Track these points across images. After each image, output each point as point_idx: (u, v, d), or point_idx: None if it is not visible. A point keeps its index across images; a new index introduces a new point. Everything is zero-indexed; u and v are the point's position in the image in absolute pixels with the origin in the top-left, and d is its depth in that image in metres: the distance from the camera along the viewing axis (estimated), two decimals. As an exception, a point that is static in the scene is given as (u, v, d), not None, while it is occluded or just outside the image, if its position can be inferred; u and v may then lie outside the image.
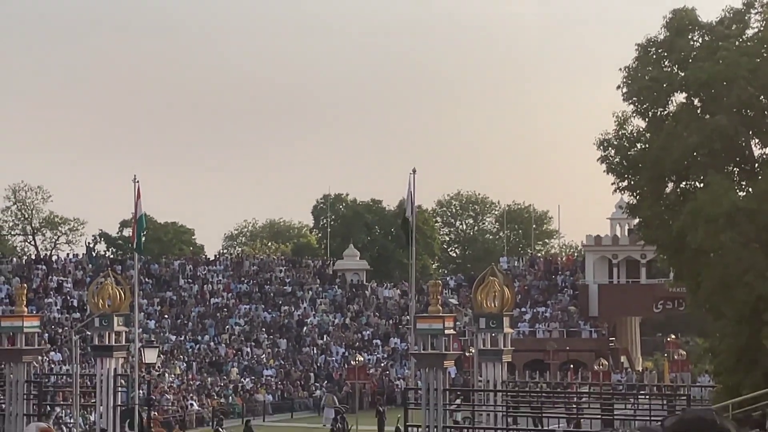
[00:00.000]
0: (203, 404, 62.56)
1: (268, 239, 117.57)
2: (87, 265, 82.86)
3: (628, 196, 37.46)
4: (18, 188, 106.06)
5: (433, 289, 40.14)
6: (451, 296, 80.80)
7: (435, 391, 36.57)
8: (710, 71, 33.47)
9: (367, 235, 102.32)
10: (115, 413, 42.86)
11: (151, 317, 76.18)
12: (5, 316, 47.52)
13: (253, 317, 79.63)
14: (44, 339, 62.20)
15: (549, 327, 76.53)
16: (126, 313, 44.59)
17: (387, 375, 71.49)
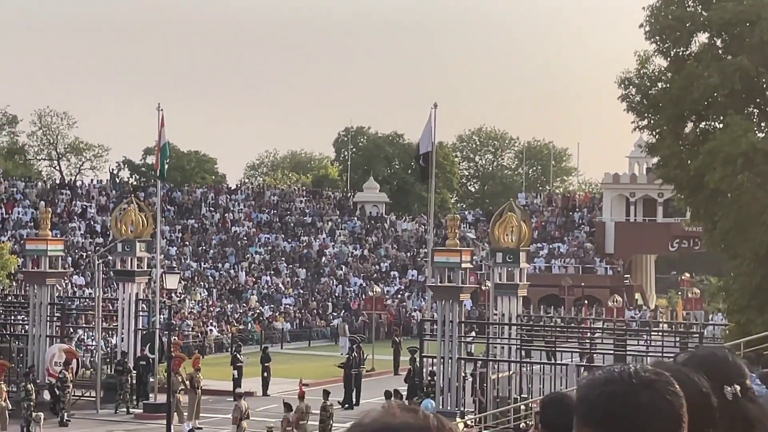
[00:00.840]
0: (222, 330, 63.46)
1: (290, 170, 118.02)
2: (111, 191, 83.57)
3: (648, 135, 37.75)
4: (44, 113, 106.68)
5: (451, 223, 40.62)
6: (468, 230, 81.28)
7: (450, 323, 37.20)
8: (733, 12, 33.56)
9: (387, 168, 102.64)
10: (136, 337, 43.71)
11: (172, 244, 76.96)
12: (30, 240, 48.29)
13: (273, 247, 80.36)
14: (68, 263, 62.99)
15: (565, 263, 77.04)
16: (148, 239, 45.29)
17: (404, 306, 72.24)
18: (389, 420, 2.34)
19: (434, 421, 2.34)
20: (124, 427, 38.08)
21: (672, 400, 2.58)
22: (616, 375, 2.61)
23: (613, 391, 2.57)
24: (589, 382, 2.64)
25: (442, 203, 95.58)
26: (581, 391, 2.65)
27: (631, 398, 2.55)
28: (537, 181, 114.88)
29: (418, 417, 2.34)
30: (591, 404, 2.58)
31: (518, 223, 39.13)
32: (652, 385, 2.58)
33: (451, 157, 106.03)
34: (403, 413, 2.35)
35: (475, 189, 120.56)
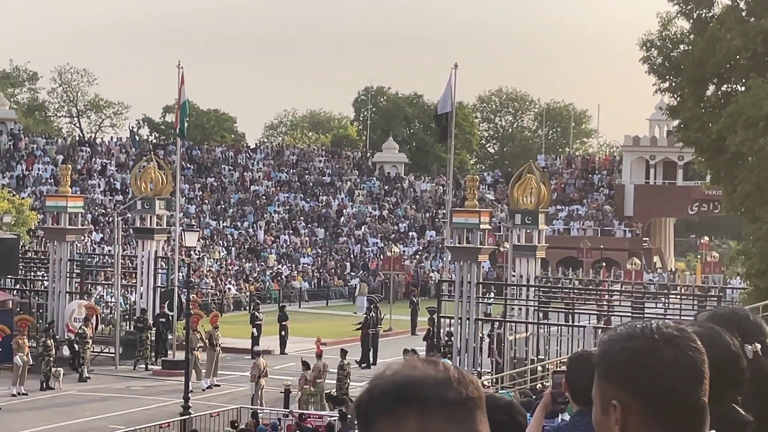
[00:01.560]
0: (241, 289, 63.71)
1: (309, 129, 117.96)
2: (130, 148, 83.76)
3: (669, 98, 37.53)
4: (64, 70, 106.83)
5: (470, 183, 40.57)
6: (487, 192, 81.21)
7: (468, 283, 37.25)
8: (757, -27, 33.28)
9: (406, 128, 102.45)
10: (155, 294, 43.94)
11: (191, 202, 77.18)
12: (50, 196, 48.48)
13: (291, 206, 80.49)
14: (87, 220, 63.27)
15: (584, 225, 76.94)
16: (167, 197, 45.43)
17: (422, 267, 72.34)
18: (410, 372, 2.33)
19: (455, 374, 2.34)
20: (143, 383, 38.36)
21: (694, 356, 2.57)
22: (638, 331, 2.59)
23: (635, 347, 2.56)
24: (611, 337, 2.63)
25: (461, 164, 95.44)
26: (602, 347, 2.63)
27: (653, 354, 2.54)
28: (557, 143, 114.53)
29: (438, 369, 2.34)
30: (612, 360, 2.57)
31: (537, 184, 39.07)
32: (675, 341, 2.57)
33: (470, 118, 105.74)
34: (424, 366, 2.35)
35: (494, 150, 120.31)
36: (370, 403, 2.36)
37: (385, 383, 2.35)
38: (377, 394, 2.36)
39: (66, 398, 35.33)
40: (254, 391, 33.13)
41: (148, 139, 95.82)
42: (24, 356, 35.28)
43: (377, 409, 2.34)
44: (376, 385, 2.37)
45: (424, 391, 2.31)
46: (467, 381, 2.36)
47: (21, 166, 77.22)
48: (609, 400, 2.56)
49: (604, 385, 2.59)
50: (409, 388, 2.32)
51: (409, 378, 2.33)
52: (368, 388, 2.39)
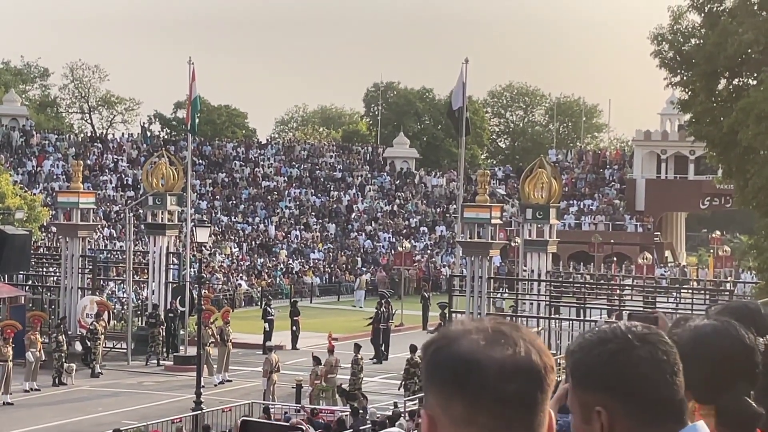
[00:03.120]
0: (252, 284, 63.77)
1: (320, 125, 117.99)
2: (142, 144, 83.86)
3: (680, 92, 37.48)
4: (75, 66, 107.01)
5: (481, 178, 40.56)
6: (498, 186, 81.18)
7: (479, 278, 37.25)
8: (769, -33, 33.19)
9: (417, 123, 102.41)
10: (167, 290, 44.00)
11: (203, 198, 77.25)
12: (62, 192, 48.59)
13: (302, 201, 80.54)
14: (99, 215, 63.39)
15: (595, 220, 76.83)
16: (179, 192, 45.48)
17: (433, 262, 72.33)
18: (476, 348, 2.19)
19: (526, 360, 2.21)
20: (155, 378, 38.43)
21: (667, 351, 2.57)
22: (609, 333, 2.57)
23: (611, 350, 2.53)
24: (581, 345, 2.58)
25: (472, 159, 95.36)
26: (575, 355, 2.58)
27: (631, 353, 2.52)
28: (567, 137, 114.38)
29: (511, 349, 2.20)
30: (590, 366, 2.53)
31: (548, 179, 39.05)
32: (647, 339, 2.56)
33: (481, 112, 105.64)
34: (497, 338, 2.22)
35: (505, 145, 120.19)
36: (428, 366, 2.24)
37: (445, 354, 2.21)
38: (435, 362, 2.22)
39: (78, 394, 35.42)
40: (266, 387, 33.17)
41: (159, 135, 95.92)
42: (36, 352, 35.37)
43: (430, 376, 2.22)
44: (440, 348, 2.23)
45: (480, 380, 2.17)
46: (537, 370, 2.20)
47: (33, 162, 77.36)
48: (591, 408, 2.52)
49: (583, 394, 2.55)
50: (464, 371, 2.17)
51: (471, 357, 2.18)
52: (434, 347, 2.23)
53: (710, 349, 3.11)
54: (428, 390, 2.22)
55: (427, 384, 2.23)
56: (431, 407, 2.20)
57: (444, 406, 2.18)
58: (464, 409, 2.16)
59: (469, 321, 2.26)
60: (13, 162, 76.11)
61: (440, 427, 2.19)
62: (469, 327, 2.23)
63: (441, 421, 2.19)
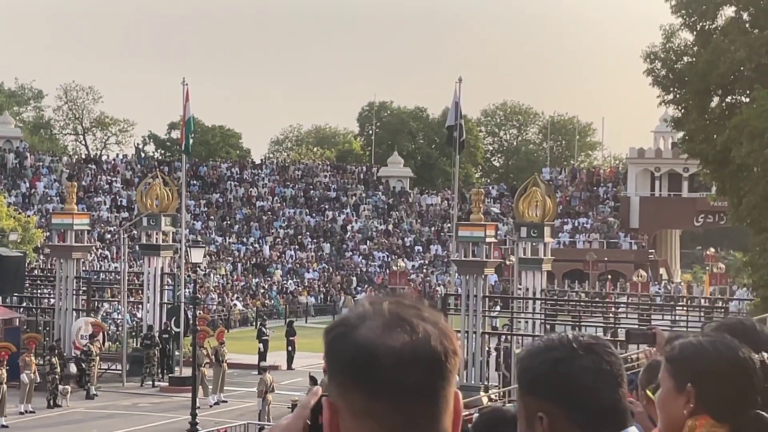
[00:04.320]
0: (247, 304, 63.69)
1: (314, 145, 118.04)
2: (136, 165, 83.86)
3: (673, 110, 37.60)
4: (69, 88, 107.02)
5: (475, 197, 40.58)
6: (493, 205, 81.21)
7: (474, 297, 37.23)
8: (760, -15, 33.34)
9: (411, 142, 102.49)
10: (162, 311, 43.93)
11: (197, 218, 77.23)
12: (56, 214, 48.50)
13: (297, 221, 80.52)
14: (93, 237, 63.33)
15: (589, 238, 76.86)
16: (173, 213, 45.45)
17: (428, 281, 72.31)
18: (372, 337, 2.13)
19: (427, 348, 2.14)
20: (150, 399, 38.34)
21: (611, 361, 2.61)
22: (556, 342, 2.63)
23: (556, 357, 2.59)
24: (530, 352, 2.65)
25: (467, 178, 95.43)
26: (523, 362, 2.65)
27: (574, 362, 2.58)
28: (561, 155, 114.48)
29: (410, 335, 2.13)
30: (535, 373, 2.60)
31: (543, 197, 39.08)
32: (592, 348, 2.61)
33: (475, 131, 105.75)
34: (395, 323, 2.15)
35: (499, 164, 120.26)
36: (327, 354, 2.17)
37: (343, 344, 2.14)
38: (334, 350, 2.16)
39: (73, 416, 35.31)
40: (261, 407, 33.09)
41: (153, 155, 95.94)
42: (31, 374, 35.26)
43: (330, 365, 2.17)
44: (338, 335, 2.16)
45: (377, 371, 2.10)
46: (437, 357, 2.14)
47: (27, 183, 77.33)
48: (534, 414, 2.58)
49: (528, 400, 2.60)
50: (361, 363, 2.11)
51: (368, 347, 2.11)
52: (333, 334, 2.17)
53: (723, 366, 3.13)
54: (329, 379, 2.18)
55: (329, 372, 2.18)
56: (333, 397, 2.16)
57: (344, 396, 2.14)
58: (363, 401, 2.12)
59: (369, 303, 2.19)
60: (7, 184, 76.06)
61: (341, 418, 2.14)
62: (368, 311, 2.16)
63: (342, 411, 2.14)
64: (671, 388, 3.26)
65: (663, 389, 3.30)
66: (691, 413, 3.19)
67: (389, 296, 2.21)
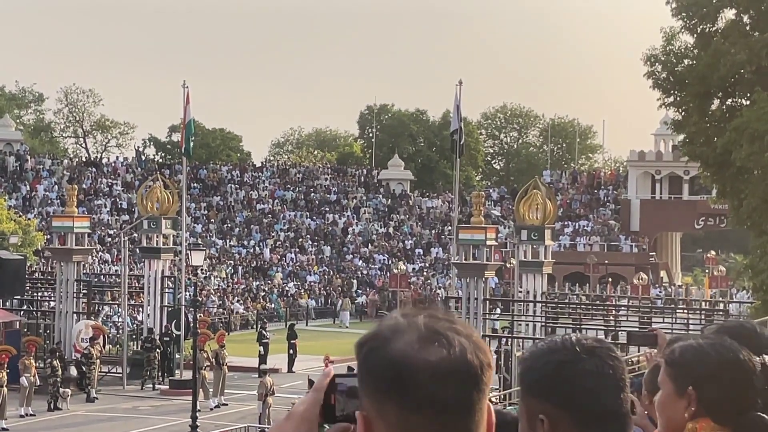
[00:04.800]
0: (248, 307, 63.68)
1: (314, 147, 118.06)
2: (136, 168, 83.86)
3: (674, 112, 37.54)
4: (70, 91, 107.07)
5: (475, 200, 40.59)
6: (493, 208, 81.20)
7: (475, 300, 37.23)
8: (760, -12, 33.31)
9: (411, 145, 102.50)
10: (162, 313, 43.94)
11: (198, 221, 77.22)
12: (56, 217, 48.53)
13: (298, 224, 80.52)
14: (94, 240, 63.32)
15: (590, 240, 76.86)
16: (174, 216, 45.47)
17: (428, 284, 72.28)
18: (408, 350, 2.12)
19: (461, 362, 2.14)
20: (151, 403, 38.33)
21: (614, 365, 2.61)
22: (559, 344, 2.63)
23: (558, 360, 2.59)
24: (533, 354, 2.66)
25: (467, 181, 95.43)
26: (525, 363, 2.67)
27: (576, 365, 2.58)
28: (562, 158, 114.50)
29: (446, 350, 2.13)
30: (537, 374, 2.60)
31: (543, 200, 39.08)
32: (595, 352, 2.61)
33: (475, 134, 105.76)
34: (431, 338, 2.14)
35: (500, 166, 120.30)
36: (361, 368, 2.18)
37: (378, 357, 2.14)
38: (368, 365, 2.15)
39: (74, 419, 35.30)
40: (262, 410, 33.09)
41: (154, 158, 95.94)
42: (31, 377, 35.25)
43: (364, 379, 2.17)
44: (372, 349, 2.15)
45: (414, 385, 2.10)
46: (474, 371, 2.14)
47: (27, 186, 77.33)
48: (536, 415, 2.58)
49: (530, 401, 2.61)
50: (397, 377, 2.10)
51: (405, 361, 2.11)
52: (367, 348, 2.16)
53: (724, 369, 3.13)
54: (363, 392, 2.17)
55: (362, 386, 2.17)
56: (367, 410, 2.15)
57: (379, 410, 2.13)
58: (399, 414, 2.11)
59: (403, 317, 2.19)
60: (8, 186, 76.06)
61: (376, 431, 2.14)
62: (401, 324, 2.16)
63: (377, 424, 2.14)
64: (671, 391, 3.26)
65: (663, 392, 3.30)
66: (692, 416, 3.19)
67: (420, 309, 2.21)
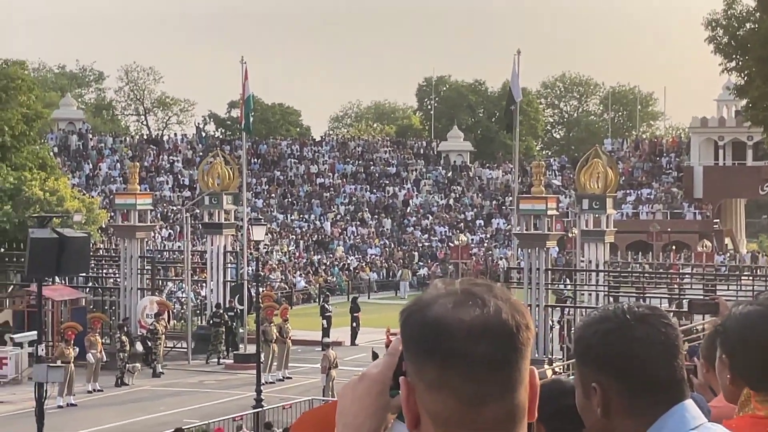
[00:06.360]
0: (310, 281, 63.96)
1: (373, 120, 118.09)
2: (197, 145, 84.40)
3: (736, 77, 37.11)
4: (130, 69, 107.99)
5: (536, 170, 40.38)
6: (554, 177, 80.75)
7: (537, 270, 37.10)
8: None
9: (470, 116, 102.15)
10: (225, 288, 44.25)
11: (259, 196, 77.61)
12: (119, 194, 48.97)
13: (358, 197, 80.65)
14: (156, 216, 63.87)
15: (653, 209, 76.20)
16: (235, 191, 45.72)
17: (490, 255, 72.12)
18: (443, 312, 2.18)
19: (497, 321, 2.17)
20: (215, 377, 38.67)
21: (667, 332, 2.61)
22: (610, 313, 2.64)
23: (608, 328, 2.60)
24: (585, 322, 2.68)
25: (527, 151, 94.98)
26: (577, 332, 2.69)
27: (626, 333, 2.58)
28: (623, 126, 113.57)
29: (481, 309, 2.17)
30: (588, 343, 2.62)
31: (604, 169, 38.79)
32: (646, 319, 2.61)
33: (535, 104, 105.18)
34: (467, 300, 2.19)
35: (560, 136, 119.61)
36: (402, 333, 2.24)
37: (416, 320, 2.21)
38: (408, 329, 2.22)
39: (140, 394, 35.73)
40: (325, 383, 33.25)
41: (214, 134, 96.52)
42: (97, 353, 35.70)
43: (405, 343, 2.23)
44: (411, 314, 2.22)
45: (448, 343, 2.14)
46: (508, 330, 2.16)
47: (90, 165, 78.15)
48: (589, 384, 2.60)
49: (583, 370, 2.63)
50: (433, 336, 2.16)
51: (440, 321, 2.17)
52: (407, 313, 2.23)
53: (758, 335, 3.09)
54: (405, 357, 2.23)
55: (404, 351, 2.23)
56: (409, 374, 2.21)
57: (418, 372, 2.18)
58: (436, 374, 2.15)
59: (443, 285, 2.25)
60: (71, 165, 76.90)
61: (417, 393, 2.19)
62: (441, 291, 2.23)
63: (417, 386, 2.19)
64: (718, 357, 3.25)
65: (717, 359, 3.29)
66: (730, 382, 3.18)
67: (463, 278, 2.26)
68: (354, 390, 2.27)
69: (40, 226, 24.58)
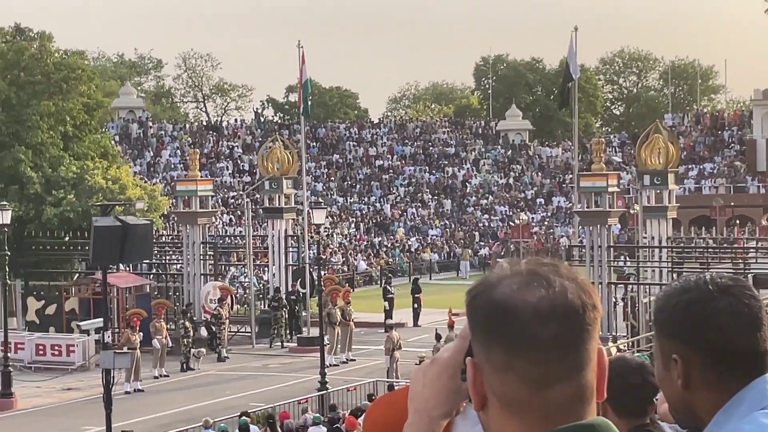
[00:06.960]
0: (371, 263, 64.08)
1: (431, 101, 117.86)
2: (256, 130, 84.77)
3: (798, 48, 36.49)
4: (188, 56, 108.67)
5: (596, 147, 40.14)
6: (614, 154, 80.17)
7: (599, 247, 36.91)
8: None
9: (528, 94, 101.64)
10: (287, 272, 44.49)
11: (318, 180, 77.81)
12: (180, 181, 49.40)
13: (417, 178, 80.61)
14: (217, 202, 64.28)
15: (715, 183, 75.42)
16: (294, 176, 45.93)
17: (551, 233, 71.82)
18: (509, 293, 2.14)
19: (564, 302, 2.13)
20: (280, 360, 38.92)
21: (750, 304, 2.55)
22: (692, 283, 2.60)
23: (689, 299, 2.56)
24: (666, 293, 2.63)
25: (586, 128, 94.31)
26: (658, 303, 2.64)
27: (707, 304, 2.54)
28: (683, 101, 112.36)
29: (548, 290, 2.13)
30: (669, 314, 2.58)
31: (665, 144, 38.45)
32: (729, 290, 2.56)
33: (593, 80, 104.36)
34: (532, 281, 2.15)
35: (619, 112, 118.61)
36: (468, 314, 2.21)
37: (481, 302, 2.17)
38: (473, 310, 2.18)
39: (206, 378, 36.05)
40: (389, 364, 33.34)
41: (272, 119, 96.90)
42: (162, 339, 36.06)
43: (471, 324, 2.19)
44: (477, 295, 2.18)
45: (515, 325, 2.11)
46: (575, 310, 2.12)
47: (151, 152, 78.79)
48: (669, 355, 2.56)
49: (663, 341, 2.59)
50: (499, 318, 2.13)
51: (505, 302, 2.13)
52: (472, 294, 2.19)
53: None
54: (472, 338, 2.20)
55: (470, 332, 2.20)
56: (476, 355, 2.18)
57: (485, 354, 2.15)
58: (503, 355, 2.12)
59: (508, 265, 2.21)
60: (132, 153, 77.58)
61: (484, 374, 2.16)
62: (506, 272, 2.19)
63: (484, 368, 2.16)
64: None
65: None
66: None
67: (529, 259, 2.22)
68: (425, 374, 2.24)
69: (103, 215, 24.84)
